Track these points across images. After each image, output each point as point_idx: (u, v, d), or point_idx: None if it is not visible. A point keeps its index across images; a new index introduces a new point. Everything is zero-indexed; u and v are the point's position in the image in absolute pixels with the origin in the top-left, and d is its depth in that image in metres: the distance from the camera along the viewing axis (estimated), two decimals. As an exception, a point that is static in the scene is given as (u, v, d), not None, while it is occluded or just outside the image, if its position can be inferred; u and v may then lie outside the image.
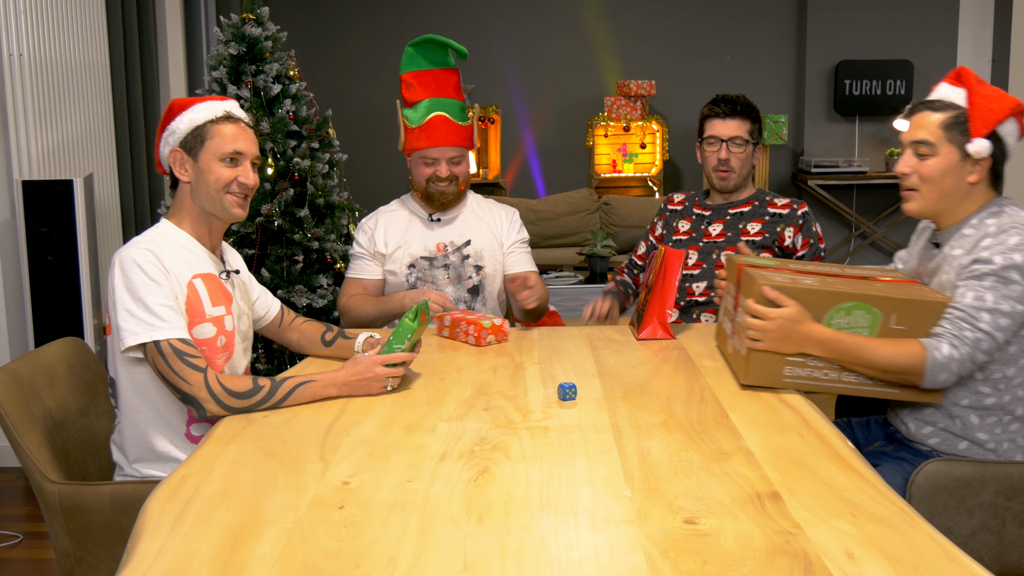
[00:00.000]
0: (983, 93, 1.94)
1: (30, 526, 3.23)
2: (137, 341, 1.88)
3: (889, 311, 1.90)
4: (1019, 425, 1.92)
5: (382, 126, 7.29)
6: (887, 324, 1.91)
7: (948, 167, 1.96)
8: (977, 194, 1.98)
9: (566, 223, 6.67)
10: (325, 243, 3.54)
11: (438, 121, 2.70)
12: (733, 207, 2.81)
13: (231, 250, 2.26)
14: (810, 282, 1.97)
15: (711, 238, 2.79)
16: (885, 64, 6.93)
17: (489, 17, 7.36)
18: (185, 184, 2.07)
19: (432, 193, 2.74)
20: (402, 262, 2.75)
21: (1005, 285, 1.83)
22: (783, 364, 1.94)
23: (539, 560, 1.25)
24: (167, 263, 1.96)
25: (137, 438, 2.01)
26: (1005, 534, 1.79)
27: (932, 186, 1.98)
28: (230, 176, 2.05)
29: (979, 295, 1.84)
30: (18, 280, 3.71)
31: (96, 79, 4.29)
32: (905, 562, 1.23)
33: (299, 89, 3.57)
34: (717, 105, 2.78)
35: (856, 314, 1.92)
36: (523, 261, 2.85)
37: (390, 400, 1.97)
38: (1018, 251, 1.83)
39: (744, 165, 2.77)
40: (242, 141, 2.07)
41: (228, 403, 1.88)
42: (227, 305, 2.07)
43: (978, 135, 1.93)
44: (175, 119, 2.06)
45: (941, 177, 1.97)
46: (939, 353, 1.85)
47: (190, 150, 2.05)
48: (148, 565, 1.26)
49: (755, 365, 1.96)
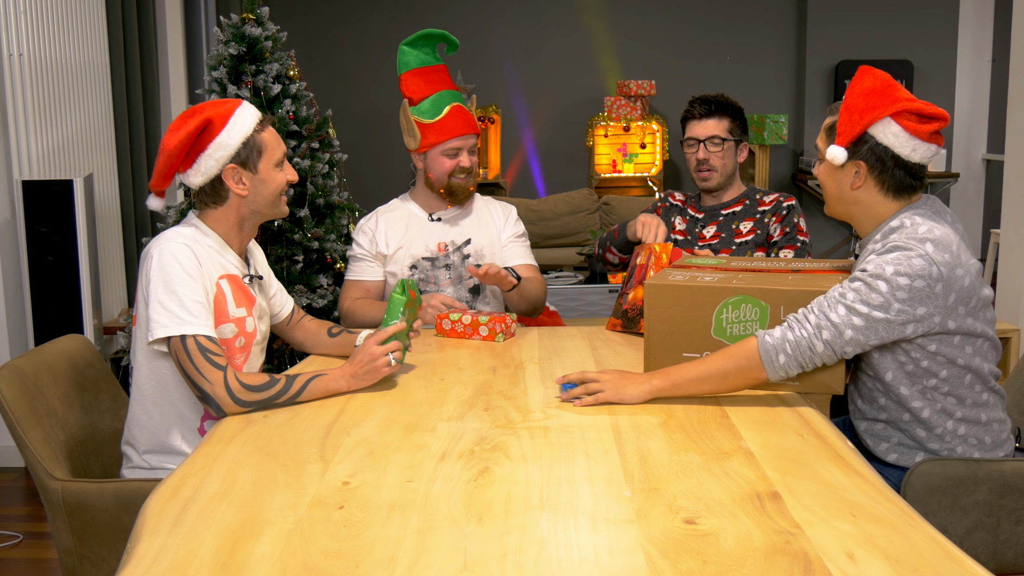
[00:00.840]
0: (859, 92, 1.88)
1: (30, 526, 3.24)
2: (166, 334, 1.90)
3: (777, 303, 1.92)
4: (966, 427, 1.89)
5: (382, 126, 7.30)
6: (776, 317, 1.92)
7: (828, 172, 1.95)
8: (881, 205, 1.92)
9: (566, 223, 6.67)
10: (325, 243, 3.54)
11: (456, 111, 2.70)
12: (725, 208, 2.80)
13: (259, 251, 2.27)
14: (709, 279, 2.02)
15: (705, 241, 2.79)
16: (885, 64, 6.91)
17: (489, 17, 7.36)
18: (237, 197, 2.05)
19: (454, 186, 2.73)
20: (403, 263, 2.74)
21: (868, 290, 1.79)
22: (680, 360, 2.00)
23: (539, 560, 1.26)
24: (202, 260, 1.98)
25: (152, 430, 2.03)
26: (1000, 532, 1.79)
27: (825, 190, 1.99)
28: (284, 179, 2.09)
29: (842, 292, 1.82)
30: (18, 280, 3.72)
31: (96, 79, 4.29)
32: (905, 562, 1.23)
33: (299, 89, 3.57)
34: (693, 106, 2.78)
35: (744, 308, 1.94)
36: (520, 254, 2.84)
37: (390, 400, 1.97)
38: (891, 264, 1.78)
39: (726, 164, 2.75)
40: (282, 143, 2.11)
41: (245, 398, 1.89)
42: (249, 307, 2.09)
43: (840, 142, 1.89)
44: (221, 133, 1.99)
45: (827, 181, 1.97)
46: (770, 337, 1.84)
47: (245, 163, 2.02)
48: (148, 565, 1.26)
49: (652, 362, 2.04)
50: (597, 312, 5.22)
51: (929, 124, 1.85)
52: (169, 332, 1.90)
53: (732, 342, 1.95)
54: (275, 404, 1.93)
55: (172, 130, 1.99)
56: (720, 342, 1.98)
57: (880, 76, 1.88)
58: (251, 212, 2.08)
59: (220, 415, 1.90)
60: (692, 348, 2.01)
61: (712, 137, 2.73)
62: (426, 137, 2.70)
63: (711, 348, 1.98)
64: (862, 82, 1.89)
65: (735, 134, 2.76)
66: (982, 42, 7.08)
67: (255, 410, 1.91)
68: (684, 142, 2.81)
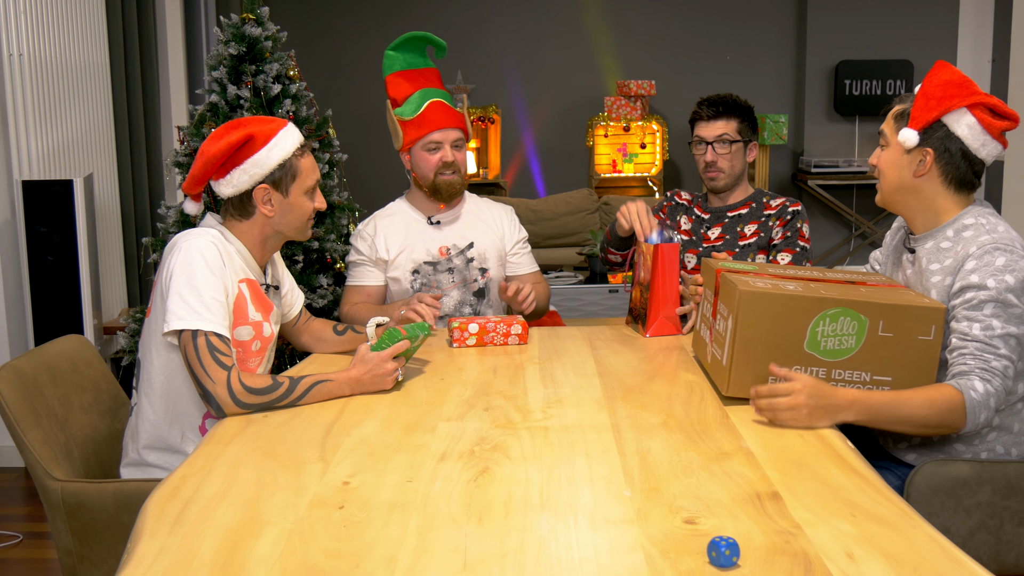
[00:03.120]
0: (937, 82, 1.88)
1: (30, 526, 3.24)
2: (181, 326, 1.90)
3: (876, 317, 1.82)
4: (995, 434, 1.89)
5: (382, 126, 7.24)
6: (875, 331, 1.83)
7: (894, 159, 1.94)
8: (941, 197, 1.92)
9: (566, 223, 6.66)
10: (325, 243, 3.54)
11: (435, 106, 2.69)
12: (731, 210, 2.80)
13: (281, 263, 2.28)
14: (793, 287, 1.88)
15: (710, 242, 2.78)
16: (885, 64, 6.93)
17: (489, 17, 7.36)
18: (263, 216, 2.06)
19: (440, 185, 2.70)
20: (405, 268, 2.72)
21: (1006, 309, 1.77)
22: (768, 374, 1.85)
23: (539, 560, 1.26)
24: (226, 260, 1.99)
25: (155, 423, 2.04)
26: (1003, 533, 1.79)
27: (884, 178, 1.97)
28: (312, 207, 2.10)
29: (986, 324, 1.78)
30: (18, 280, 3.72)
31: (96, 79, 4.29)
32: (905, 562, 1.23)
33: (299, 89, 3.57)
34: (701, 107, 2.76)
35: (842, 321, 1.83)
36: (526, 263, 2.86)
37: (390, 400, 1.97)
38: (1008, 272, 1.78)
39: (734, 165, 2.74)
40: (317, 170, 2.10)
41: (246, 400, 1.89)
42: (266, 313, 2.11)
43: (913, 125, 1.89)
44: (261, 151, 2.01)
45: (888, 168, 1.96)
46: (975, 392, 1.75)
47: (277, 185, 2.04)
48: (148, 565, 1.26)
49: (738, 376, 1.88)
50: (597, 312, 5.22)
51: (1002, 122, 1.88)
52: (184, 325, 1.90)
53: (826, 357, 1.85)
54: (277, 407, 1.92)
55: (214, 137, 2.00)
56: (813, 356, 1.85)
57: (957, 71, 1.90)
58: (274, 232, 2.09)
59: (220, 415, 1.90)
60: (782, 362, 1.84)
61: (720, 138, 2.72)
62: (407, 133, 2.70)
63: (802, 363, 1.85)
64: (940, 74, 1.89)
65: (744, 135, 2.74)
66: (982, 42, 7.08)
67: (255, 412, 1.91)
68: (692, 143, 2.80)
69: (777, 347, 1.85)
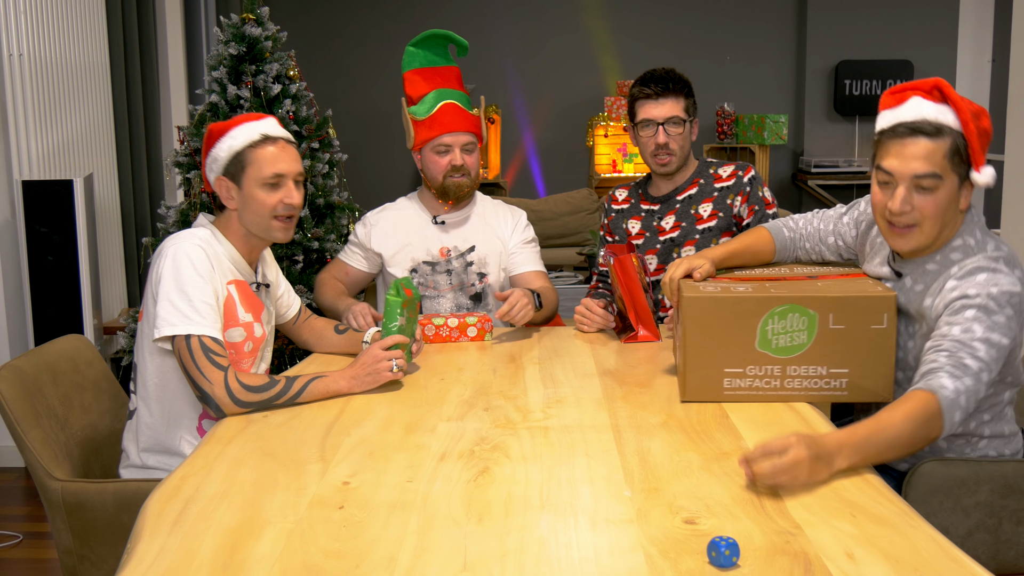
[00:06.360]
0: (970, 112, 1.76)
1: (30, 526, 3.24)
2: (172, 332, 1.90)
3: (826, 311, 1.82)
4: (986, 442, 1.88)
5: (382, 126, 7.29)
6: (825, 324, 1.82)
7: (951, 198, 1.78)
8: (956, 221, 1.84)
9: (566, 223, 6.66)
10: (325, 243, 3.54)
11: (448, 108, 2.67)
12: (680, 191, 2.65)
13: (271, 262, 2.27)
14: (743, 289, 1.88)
15: (666, 233, 2.64)
16: (885, 64, 6.93)
17: (489, 17, 7.36)
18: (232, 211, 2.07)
19: (448, 187, 2.67)
20: (403, 265, 2.71)
21: (989, 316, 1.71)
22: (722, 377, 1.87)
23: (539, 560, 1.26)
24: (214, 263, 1.99)
25: (153, 426, 2.04)
26: (1001, 533, 1.79)
27: (935, 221, 1.78)
28: (274, 200, 2.04)
29: (966, 327, 1.70)
30: (18, 280, 3.72)
31: (96, 79, 4.29)
32: (905, 562, 1.23)
33: (299, 89, 3.57)
34: (647, 85, 2.56)
35: (791, 317, 1.84)
36: (528, 260, 2.77)
37: (390, 400, 1.97)
38: (992, 284, 1.72)
39: (684, 146, 2.59)
40: (282, 162, 2.05)
41: (245, 399, 1.89)
42: (256, 314, 2.11)
43: (982, 163, 1.77)
44: (214, 146, 2.05)
45: (939, 213, 1.78)
46: (946, 390, 1.64)
47: (233, 177, 2.04)
48: (148, 565, 1.26)
49: (693, 381, 1.89)
50: (597, 312, 5.21)
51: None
52: (176, 331, 1.90)
53: (778, 354, 1.85)
54: (275, 405, 1.93)
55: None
56: (766, 355, 1.86)
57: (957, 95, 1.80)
58: (247, 230, 2.08)
59: (219, 415, 1.90)
60: (735, 363, 1.87)
61: (671, 118, 2.55)
62: (418, 134, 2.69)
63: (756, 363, 1.87)
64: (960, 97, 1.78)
65: (691, 113, 2.60)
66: (982, 42, 7.08)
67: (255, 411, 1.91)
68: (637, 124, 2.60)
69: (729, 349, 1.87)
